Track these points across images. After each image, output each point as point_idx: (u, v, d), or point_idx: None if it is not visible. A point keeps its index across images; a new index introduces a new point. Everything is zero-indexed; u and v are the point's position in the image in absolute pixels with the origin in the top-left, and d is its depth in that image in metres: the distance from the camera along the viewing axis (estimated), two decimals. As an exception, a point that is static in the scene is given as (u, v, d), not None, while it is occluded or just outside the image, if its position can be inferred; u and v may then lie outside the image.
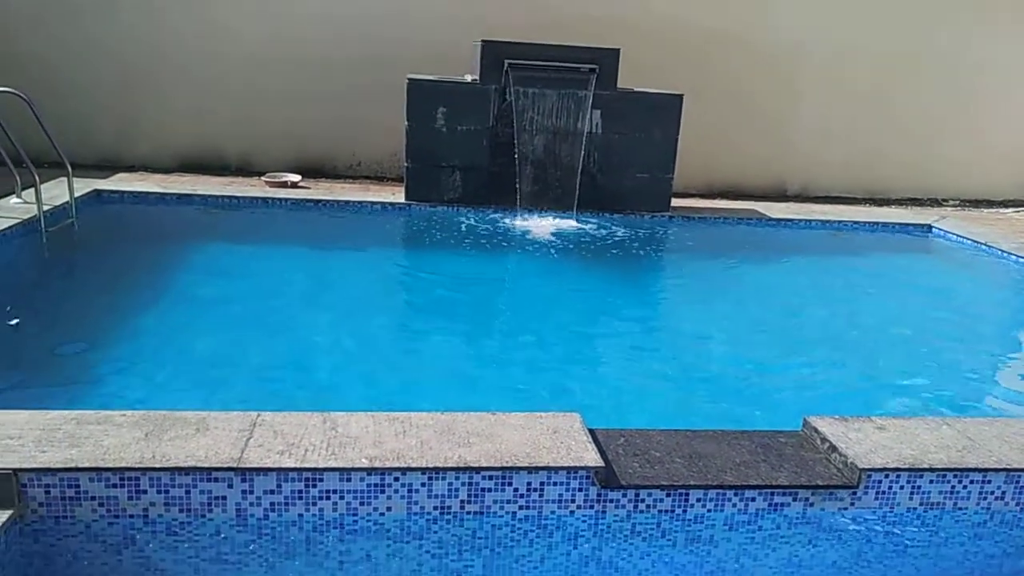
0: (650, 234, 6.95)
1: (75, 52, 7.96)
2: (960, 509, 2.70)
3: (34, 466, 2.31)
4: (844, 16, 8.71)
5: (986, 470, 2.66)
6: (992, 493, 2.70)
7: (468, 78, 7.05)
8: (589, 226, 6.89)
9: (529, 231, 6.64)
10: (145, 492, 2.36)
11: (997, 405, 3.85)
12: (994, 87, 9.17)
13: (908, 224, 7.62)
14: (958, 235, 7.15)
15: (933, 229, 7.45)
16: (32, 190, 5.42)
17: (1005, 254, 6.56)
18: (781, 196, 9.00)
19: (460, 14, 8.04)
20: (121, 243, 5.82)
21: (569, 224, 6.89)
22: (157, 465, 2.34)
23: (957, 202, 9.32)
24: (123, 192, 6.81)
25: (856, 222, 7.56)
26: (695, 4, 8.44)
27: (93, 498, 2.35)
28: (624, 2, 8.25)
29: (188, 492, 2.37)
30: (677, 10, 8.39)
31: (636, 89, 7.13)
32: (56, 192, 5.99)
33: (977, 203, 9.33)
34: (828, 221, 7.53)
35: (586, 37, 7.28)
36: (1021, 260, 6.39)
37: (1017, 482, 2.69)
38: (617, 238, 6.66)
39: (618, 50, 6.91)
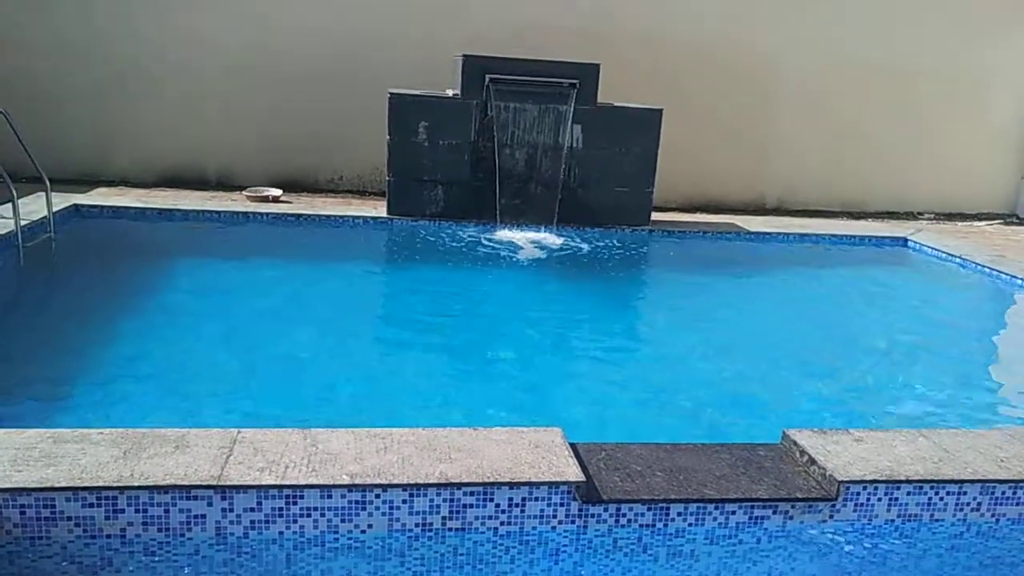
0: (630, 248, 6.98)
1: (54, 66, 7.92)
2: (937, 520, 2.73)
3: (9, 486, 2.28)
4: (821, 33, 8.85)
5: (962, 481, 2.70)
6: (968, 504, 2.73)
7: (450, 93, 7.08)
8: (569, 240, 6.92)
9: (509, 245, 6.65)
10: (123, 511, 2.34)
11: (971, 416, 3.89)
12: (967, 101, 9.34)
13: (884, 237, 7.71)
14: (933, 248, 7.24)
15: (909, 242, 7.55)
16: (9, 205, 5.37)
17: (979, 267, 6.66)
18: (760, 209, 9.09)
19: (441, 29, 8.09)
20: (100, 258, 5.77)
21: (549, 238, 6.92)
22: (135, 484, 2.32)
23: (932, 215, 9.45)
24: (102, 207, 6.76)
25: (833, 235, 7.64)
26: (674, 21, 8.54)
27: (70, 518, 2.32)
28: (603, 19, 8.33)
29: (167, 511, 2.35)
30: (656, 26, 8.49)
31: (616, 104, 7.18)
32: (34, 207, 5.93)
33: (951, 216, 9.47)
34: (806, 235, 7.61)
35: (565, 54, 7.33)
36: (994, 273, 6.49)
37: (992, 493, 2.73)
38: (596, 252, 6.69)
39: (598, 65, 6.96)
